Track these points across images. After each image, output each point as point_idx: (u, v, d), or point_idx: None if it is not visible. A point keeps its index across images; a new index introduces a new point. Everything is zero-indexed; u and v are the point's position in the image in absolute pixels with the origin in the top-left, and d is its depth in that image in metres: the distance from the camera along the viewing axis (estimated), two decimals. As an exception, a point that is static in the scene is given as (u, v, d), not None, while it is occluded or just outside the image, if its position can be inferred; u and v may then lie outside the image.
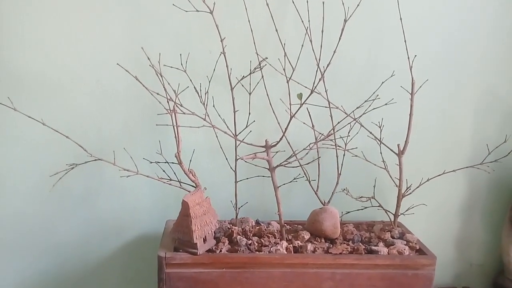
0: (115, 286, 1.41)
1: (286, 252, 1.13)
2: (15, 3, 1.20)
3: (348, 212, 1.31)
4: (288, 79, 1.16)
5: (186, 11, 1.15)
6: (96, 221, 1.35)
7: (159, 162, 1.22)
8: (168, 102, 1.11)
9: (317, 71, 1.16)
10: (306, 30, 1.18)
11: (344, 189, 1.28)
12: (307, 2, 1.19)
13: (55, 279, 1.37)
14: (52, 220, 1.33)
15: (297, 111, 1.12)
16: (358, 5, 1.12)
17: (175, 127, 1.10)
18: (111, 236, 1.36)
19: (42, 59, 1.24)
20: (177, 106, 1.11)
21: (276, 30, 1.17)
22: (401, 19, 1.18)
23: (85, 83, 1.26)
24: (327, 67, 1.13)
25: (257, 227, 1.24)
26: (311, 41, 1.19)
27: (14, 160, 1.28)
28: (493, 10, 1.31)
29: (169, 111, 1.10)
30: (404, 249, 1.15)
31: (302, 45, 1.16)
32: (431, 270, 1.13)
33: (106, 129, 1.29)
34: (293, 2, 1.20)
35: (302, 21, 1.18)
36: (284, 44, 1.18)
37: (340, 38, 1.10)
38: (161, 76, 1.13)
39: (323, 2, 1.11)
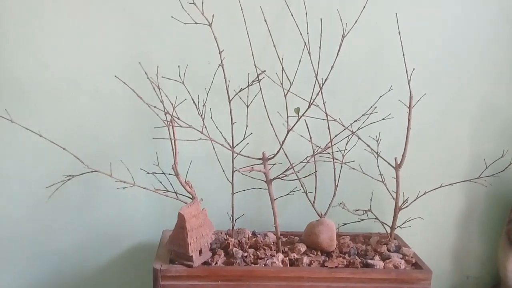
0: (112, 294, 1.41)
1: (282, 265, 1.13)
2: (14, 13, 1.20)
3: (345, 224, 1.31)
4: (285, 93, 1.16)
5: (185, 23, 1.15)
6: (93, 229, 1.35)
7: (156, 173, 1.22)
8: (165, 115, 1.11)
9: (315, 84, 1.16)
10: (305, 44, 1.18)
11: (340, 203, 1.28)
12: (306, 14, 1.20)
13: (51, 286, 1.37)
14: (49, 228, 1.33)
15: (294, 125, 1.12)
16: (356, 21, 1.12)
17: (172, 140, 1.10)
18: (107, 245, 1.36)
19: (39, 69, 1.24)
20: (174, 119, 1.11)
21: (274, 46, 1.17)
22: (399, 33, 1.19)
23: (84, 93, 1.26)
24: (324, 82, 1.13)
25: (254, 239, 1.24)
26: (309, 53, 1.19)
27: (11, 169, 1.29)
28: (490, 23, 1.31)
29: (166, 122, 1.11)
30: (400, 263, 1.15)
31: (300, 60, 1.16)
32: (426, 284, 1.12)
33: (103, 139, 1.29)
34: (291, 15, 1.20)
35: (301, 34, 1.19)
36: (282, 59, 1.18)
37: (338, 54, 1.10)
38: (159, 89, 1.13)
39: (321, 19, 1.11)
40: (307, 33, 1.19)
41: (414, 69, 1.20)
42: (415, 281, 1.12)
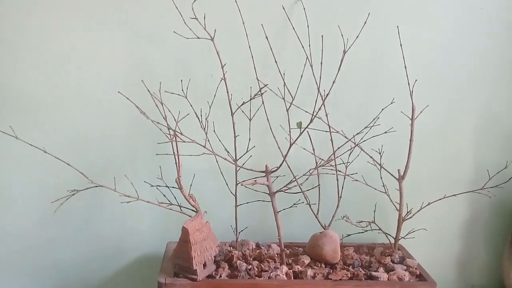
0: (117, 306, 1.42)
1: (286, 278, 1.13)
2: (17, 28, 1.21)
3: (349, 235, 1.30)
4: (288, 107, 1.17)
5: (187, 38, 1.16)
6: (98, 242, 1.36)
7: (159, 186, 1.23)
8: (169, 130, 1.12)
9: (317, 96, 1.16)
10: (307, 57, 1.19)
11: (343, 216, 1.28)
12: (308, 26, 1.20)
13: (56, 299, 1.38)
14: (54, 242, 1.34)
15: (296, 139, 1.12)
16: (357, 37, 1.12)
17: (176, 156, 1.11)
18: (112, 257, 1.37)
19: (43, 83, 1.25)
20: (177, 134, 1.11)
21: (276, 62, 1.18)
22: (401, 45, 1.19)
23: (87, 108, 1.27)
24: (327, 95, 1.13)
25: (257, 251, 1.24)
26: (311, 66, 1.20)
27: (17, 184, 1.30)
28: (489, 32, 1.31)
29: (169, 136, 1.11)
30: (404, 275, 1.15)
31: (302, 75, 1.17)
32: (431, 296, 1.13)
33: (107, 152, 1.30)
34: (293, 28, 1.21)
35: (303, 47, 1.19)
36: (284, 73, 1.18)
37: (339, 69, 1.10)
38: (162, 104, 1.14)
39: (322, 36, 1.11)
40: (309, 45, 1.20)
41: (416, 80, 1.20)
42: (420, 293, 1.12)
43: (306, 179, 1.21)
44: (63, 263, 1.36)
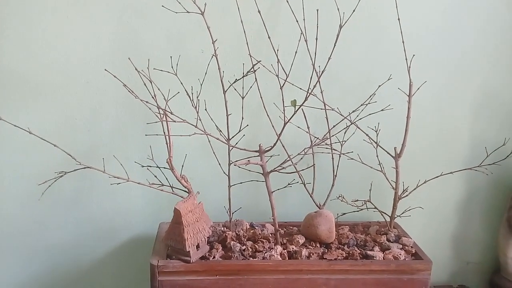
0: None
1: (280, 258, 1.12)
2: (0, 3, 1.16)
3: (344, 213, 1.29)
4: (282, 85, 1.14)
5: (176, 13, 1.12)
6: (88, 223, 1.34)
7: (150, 167, 1.21)
8: (158, 109, 1.09)
9: (312, 72, 1.13)
10: (301, 32, 1.15)
11: (339, 196, 1.27)
12: (303, 1, 1.16)
13: (47, 281, 1.37)
14: (43, 224, 1.33)
15: (290, 118, 1.10)
16: (354, 11, 1.08)
17: (166, 136, 1.08)
18: (103, 238, 1.36)
19: (27, 61, 1.21)
20: (167, 114, 1.08)
21: (269, 37, 1.14)
22: (399, 19, 1.15)
23: (74, 86, 1.24)
24: (322, 72, 1.10)
25: (251, 231, 1.23)
26: (306, 41, 1.16)
27: (4, 165, 1.27)
28: (488, 8, 1.29)
29: (159, 116, 1.08)
30: (400, 254, 1.14)
31: (296, 51, 1.14)
32: (426, 274, 1.12)
33: (95, 132, 1.27)
34: (287, 2, 1.17)
35: (297, 21, 1.15)
36: (278, 50, 1.15)
37: (335, 45, 1.07)
38: (151, 82, 1.10)
39: (317, 10, 1.08)
40: (304, 20, 1.16)
41: (414, 55, 1.17)
42: (415, 272, 1.12)
43: (301, 158, 1.19)
44: (53, 245, 1.34)
